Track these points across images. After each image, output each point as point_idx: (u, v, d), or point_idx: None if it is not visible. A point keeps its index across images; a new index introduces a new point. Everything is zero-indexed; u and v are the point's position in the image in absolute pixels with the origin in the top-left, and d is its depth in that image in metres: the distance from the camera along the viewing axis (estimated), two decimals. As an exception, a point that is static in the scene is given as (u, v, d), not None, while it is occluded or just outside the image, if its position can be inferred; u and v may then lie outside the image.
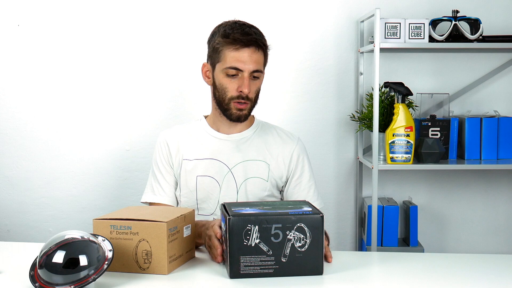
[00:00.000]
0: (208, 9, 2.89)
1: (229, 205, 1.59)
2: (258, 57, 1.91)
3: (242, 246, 1.48)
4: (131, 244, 1.54)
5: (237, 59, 1.89)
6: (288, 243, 1.49)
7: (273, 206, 1.58)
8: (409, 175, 2.96)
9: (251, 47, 1.89)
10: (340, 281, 1.51)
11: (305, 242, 1.49)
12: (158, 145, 2.05)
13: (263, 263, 1.49)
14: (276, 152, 2.01)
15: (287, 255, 1.49)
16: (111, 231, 1.55)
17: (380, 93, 2.71)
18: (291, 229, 1.49)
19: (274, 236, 1.48)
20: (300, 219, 1.49)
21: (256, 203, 1.63)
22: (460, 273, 1.60)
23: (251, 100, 1.94)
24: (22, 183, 2.98)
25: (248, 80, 1.90)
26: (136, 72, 2.93)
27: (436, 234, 2.98)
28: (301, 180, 2.03)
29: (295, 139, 2.07)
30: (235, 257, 1.48)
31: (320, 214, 1.50)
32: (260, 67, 1.92)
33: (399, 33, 2.66)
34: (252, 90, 1.93)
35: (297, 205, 1.60)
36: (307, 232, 1.49)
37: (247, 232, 1.47)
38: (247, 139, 2.02)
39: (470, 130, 2.76)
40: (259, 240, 1.48)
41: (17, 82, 2.95)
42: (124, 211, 1.68)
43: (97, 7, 2.92)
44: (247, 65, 1.89)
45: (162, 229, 1.52)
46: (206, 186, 1.96)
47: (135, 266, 1.55)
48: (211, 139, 2.02)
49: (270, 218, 1.48)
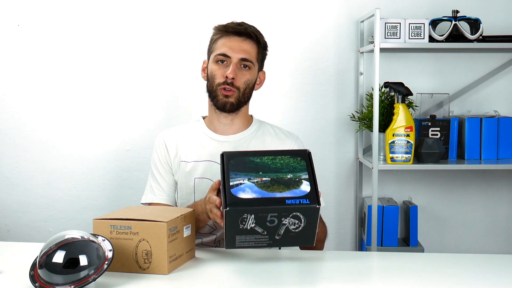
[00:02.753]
0: (208, 9, 2.89)
1: (228, 173, 1.55)
2: (249, 47, 1.94)
3: (238, 229, 1.50)
4: (131, 244, 1.54)
5: (227, 46, 1.93)
6: (283, 227, 1.50)
7: (270, 181, 1.54)
8: (409, 175, 2.96)
9: (242, 36, 1.95)
10: (340, 281, 1.51)
11: (299, 225, 1.50)
12: (156, 146, 2.06)
13: (257, 239, 1.52)
14: None
15: (281, 234, 1.51)
16: (111, 231, 1.55)
17: (380, 93, 2.71)
18: (287, 217, 1.50)
19: (270, 221, 1.50)
20: (296, 209, 1.49)
21: (254, 170, 1.57)
22: (460, 273, 1.60)
23: (238, 89, 1.94)
24: (22, 183, 2.98)
25: (235, 66, 1.92)
26: (136, 72, 2.93)
27: (436, 234, 2.98)
28: None
29: (293, 138, 2.06)
30: (231, 236, 1.51)
31: (317, 205, 1.49)
32: (249, 56, 1.94)
33: (399, 33, 2.66)
34: (240, 79, 1.93)
35: (296, 174, 1.56)
36: (301, 218, 1.50)
37: (243, 219, 1.49)
38: (245, 140, 2.01)
39: (470, 130, 2.76)
40: (254, 224, 1.49)
41: (17, 82, 2.95)
42: (124, 211, 1.68)
43: (97, 7, 2.92)
44: (236, 52, 1.92)
45: (162, 229, 1.52)
46: (204, 188, 1.96)
47: (135, 266, 1.55)
48: (209, 140, 2.01)
49: (266, 208, 1.49)
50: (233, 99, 1.94)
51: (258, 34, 1.98)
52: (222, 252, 1.77)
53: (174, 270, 1.58)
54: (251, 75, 1.96)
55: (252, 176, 1.55)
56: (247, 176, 1.55)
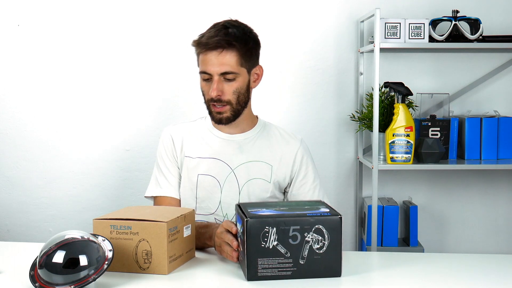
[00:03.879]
0: (207, 9, 2.89)
1: (244, 206, 1.58)
2: (228, 58, 1.88)
3: (260, 248, 1.46)
4: (131, 244, 1.54)
5: (205, 63, 1.90)
6: (306, 245, 1.47)
7: (289, 207, 1.56)
8: (409, 175, 2.96)
9: (218, 49, 1.87)
10: (339, 281, 1.51)
11: (323, 244, 1.48)
12: (162, 139, 2.04)
13: (280, 266, 1.47)
14: (279, 153, 2.00)
15: (305, 257, 1.48)
16: (111, 231, 1.55)
17: (380, 93, 2.71)
18: (309, 231, 1.47)
19: (292, 238, 1.47)
20: (318, 221, 1.47)
21: (271, 204, 1.62)
22: (460, 273, 1.60)
23: (229, 102, 1.91)
24: (22, 183, 2.98)
25: (216, 83, 1.88)
26: (136, 72, 2.93)
27: (436, 234, 2.98)
28: (306, 181, 2.02)
29: (298, 140, 2.06)
30: (253, 259, 1.46)
31: (339, 216, 1.49)
32: (230, 68, 1.88)
33: (399, 33, 2.66)
34: (227, 91, 1.90)
35: (313, 205, 1.58)
36: (325, 234, 1.48)
37: (264, 234, 1.46)
38: (250, 139, 2.01)
39: (470, 130, 2.76)
40: (277, 242, 1.46)
41: (17, 82, 2.95)
42: (124, 211, 1.68)
43: (97, 8, 2.92)
44: (214, 67, 1.88)
45: (162, 229, 1.52)
46: (206, 185, 1.96)
47: (135, 266, 1.55)
48: (214, 138, 2.01)
49: (288, 220, 1.47)
50: (228, 113, 1.93)
51: (237, 37, 1.89)
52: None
53: (174, 270, 1.58)
54: (239, 83, 1.92)
55: (271, 207, 1.57)
56: (265, 207, 1.57)
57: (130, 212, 1.64)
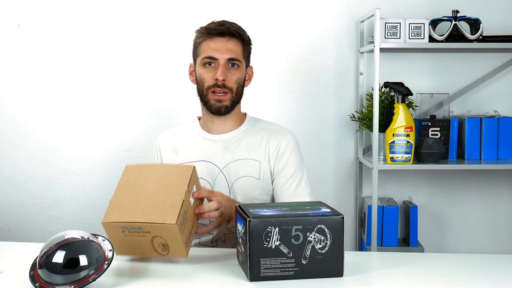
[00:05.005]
0: (207, 9, 2.89)
1: (245, 207, 1.57)
2: (234, 46, 1.93)
3: (262, 248, 1.45)
4: (146, 239, 1.55)
5: (212, 48, 1.92)
6: (309, 245, 1.47)
7: (290, 207, 1.56)
8: (409, 175, 2.96)
9: (226, 36, 1.93)
10: (339, 281, 1.51)
11: (326, 243, 1.48)
12: (153, 150, 2.10)
13: (283, 266, 1.47)
14: (265, 147, 1.99)
15: (307, 257, 1.47)
16: (123, 231, 1.54)
17: (380, 93, 2.71)
18: (312, 231, 1.47)
19: (295, 238, 1.46)
20: (321, 221, 1.47)
21: (272, 205, 1.61)
22: (460, 273, 1.60)
23: (231, 90, 1.93)
24: (22, 183, 2.98)
25: (223, 68, 1.91)
26: (136, 72, 2.93)
27: (436, 234, 2.98)
28: (285, 173, 1.96)
29: (284, 132, 2.03)
30: (255, 260, 1.46)
31: (341, 216, 1.49)
32: (236, 55, 1.93)
33: (399, 33, 2.66)
34: (231, 79, 1.92)
35: (314, 206, 1.58)
36: (327, 234, 1.48)
37: (267, 234, 1.45)
38: (237, 138, 2.00)
39: (470, 130, 2.76)
40: (279, 242, 1.46)
41: (17, 82, 2.95)
42: (124, 198, 1.62)
43: (97, 8, 2.92)
44: (222, 53, 1.91)
45: (172, 229, 1.51)
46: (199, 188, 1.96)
47: (155, 253, 1.57)
48: (202, 141, 2.02)
49: (290, 220, 1.46)
50: (228, 102, 1.94)
51: (241, 31, 1.97)
52: (219, 251, 1.77)
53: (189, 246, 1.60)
54: (240, 74, 1.96)
55: (272, 207, 1.57)
56: (267, 207, 1.56)
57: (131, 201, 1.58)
